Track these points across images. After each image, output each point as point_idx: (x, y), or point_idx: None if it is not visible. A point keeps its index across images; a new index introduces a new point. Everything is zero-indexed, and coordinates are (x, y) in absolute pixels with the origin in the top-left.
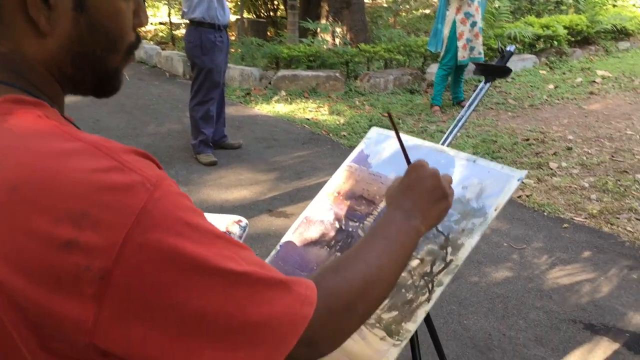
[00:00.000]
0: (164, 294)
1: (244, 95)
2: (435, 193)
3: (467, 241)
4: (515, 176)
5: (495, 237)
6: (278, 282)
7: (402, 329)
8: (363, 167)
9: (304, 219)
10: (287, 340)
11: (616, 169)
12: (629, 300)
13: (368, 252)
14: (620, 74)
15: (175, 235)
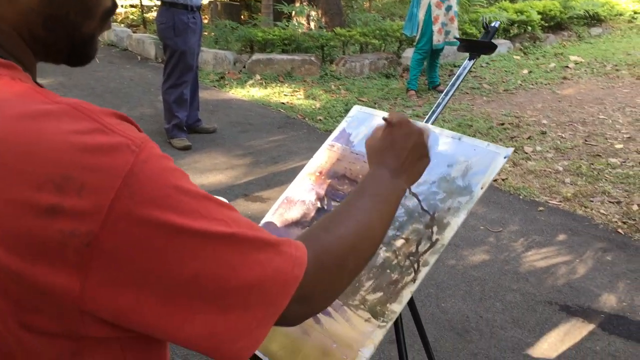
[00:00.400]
0: (154, 259)
1: (218, 79)
2: (419, 150)
3: (453, 220)
4: (502, 154)
5: (472, 220)
6: (268, 244)
7: (388, 310)
8: (345, 146)
9: (285, 200)
10: (278, 302)
11: (589, 153)
12: (603, 282)
13: (357, 210)
14: (593, 59)
15: (164, 199)
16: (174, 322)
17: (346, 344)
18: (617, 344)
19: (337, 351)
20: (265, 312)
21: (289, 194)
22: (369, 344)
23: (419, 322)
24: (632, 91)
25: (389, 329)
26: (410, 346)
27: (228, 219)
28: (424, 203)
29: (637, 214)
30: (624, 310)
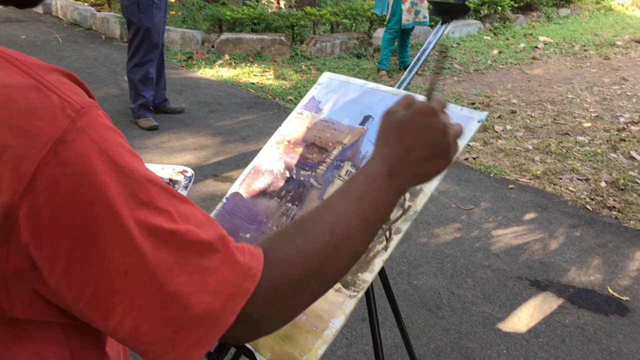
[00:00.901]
0: (80, 244)
1: (186, 59)
2: (436, 147)
3: (425, 186)
4: (475, 118)
5: (444, 198)
6: (215, 249)
7: (359, 280)
8: (315, 114)
9: (252, 169)
10: (222, 319)
11: (558, 132)
12: (572, 257)
13: (335, 217)
14: (561, 40)
15: (99, 175)
16: (97, 318)
17: (316, 314)
18: (586, 317)
19: (306, 322)
20: (206, 328)
21: (256, 164)
22: (339, 314)
23: (392, 298)
24: (600, 71)
25: (360, 299)
26: (382, 323)
27: (174, 211)
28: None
29: (604, 190)
30: (593, 284)
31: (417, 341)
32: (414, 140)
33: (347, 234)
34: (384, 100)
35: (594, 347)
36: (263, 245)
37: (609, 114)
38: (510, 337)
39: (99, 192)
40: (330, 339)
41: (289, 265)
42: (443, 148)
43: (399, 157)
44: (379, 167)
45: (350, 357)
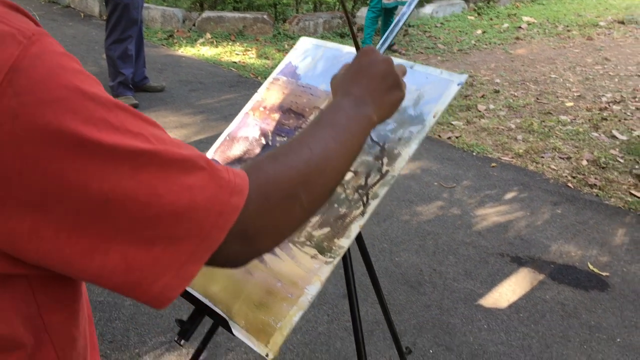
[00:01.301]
0: (49, 177)
1: (167, 38)
2: (388, 80)
3: (404, 150)
4: (455, 80)
5: (426, 176)
6: (199, 166)
7: (335, 246)
8: (291, 79)
9: (227, 137)
10: (213, 235)
11: (541, 111)
12: (553, 234)
13: (312, 139)
14: (545, 20)
15: (61, 101)
16: (81, 254)
17: (291, 281)
18: (566, 292)
19: (281, 290)
20: (196, 246)
21: (231, 131)
22: (315, 280)
23: (373, 274)
24: (583, 51)
25: (334, 271)
26: (364, 299)
27: (148, 134)
28: (373, 134)
29: (586, 168)
30: (573, 260)
31: (398, 317)
32: (366, 76)
33: (324, 152)
34: None
35: (574, 322)
36: (247, 166)
37: (591, 94)
38: (491, 312)
39: (64, 119)
40: (305, 305)
41: (275, 178)
42: (393, 78)
43: (361, 91)
44: (343, 100)
45: (331, 333)
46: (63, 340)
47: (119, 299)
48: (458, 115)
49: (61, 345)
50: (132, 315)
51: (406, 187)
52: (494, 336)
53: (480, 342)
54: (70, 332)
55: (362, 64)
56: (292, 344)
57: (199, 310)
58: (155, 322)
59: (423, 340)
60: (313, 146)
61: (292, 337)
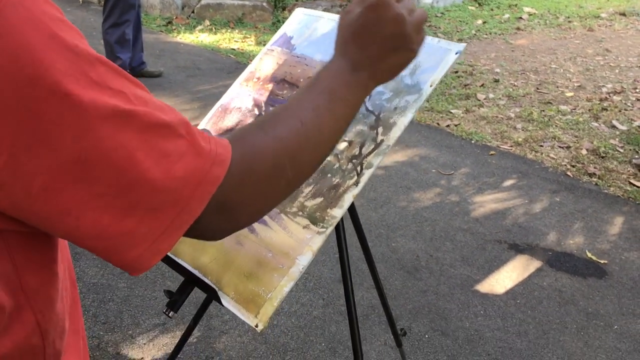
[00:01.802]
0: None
1: (165, 25)
2: (394, 40)
3: (399, 120)
4: (453, 49)
5: (424, 163)
6: (179, 133)
7: (328, 216)
8: (285, 50)
9: (219, 108)
10: (191, 206)
11: (541, 100)
12: (551, 222)
13: (302, 108)
14: (546, 11)
15: (40, 49)
16: (55, 210)
17: (283, 252)
18: (564, 279)
19: (272, 260)
20: (173, 217)
21: (224, 102)
22: (307, 251)
23: (370, 259)
24: (583, 42)
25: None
26: (359, 284)
27: (129, 93)
28: (368, 103)
29: (585, 158)
30: (571, 248)
31: (394, 302)
32: (369, 37)
33: (317, 123)
34: None
35: (571, 309)
36: (232, 135)
37: (591, 84)
38: (488, 298)
39: (41, 68)
40: (296, 276)
41: (261, 149)
42: (403, 40)
43: (360, 54)
44: (340, 63)
45: (326, 317)
46: (41, 302)
47: (113, 281)
48: (457, 103)
49: (39, 307)
50: (126, 297)
51: (404, 173)
52: (490, 322)
53: (476, 327)
54: (49, 295)
55: (367, 22)
56: (287, 327)
57: (188, 281)
58: (149, 304)
59: (419, 325)
60: (303, 115)
61: (287, 321)
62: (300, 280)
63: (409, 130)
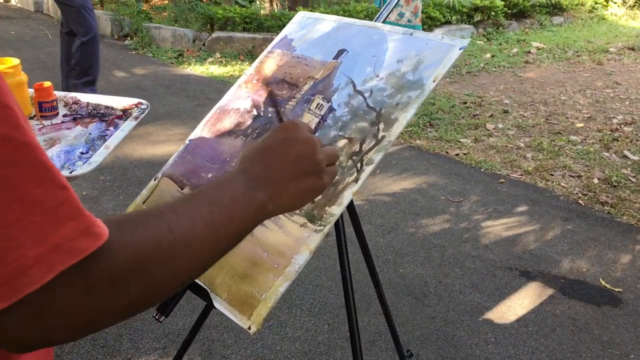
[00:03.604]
0: None
1: (176, 57)
2: (302, 164)
3: (401, 115)
4: (457, 45)
5: (432, 191)
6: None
7: (326, 214)
8: (286, 52)
9: (218, 110)
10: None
11: (551, 131)
12: (563, 249)
13: (178, 214)
14: (554, 46)
15: None
16: None
17: (278, 251)
18: (577, 307)
19: (267, 260)
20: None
21: (222, 104)
22: (303, 249)
23: (377, 284)
24: (593, 75)
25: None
26: (366, 310)
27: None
28: (369, 100)
29: (597, 187)
30: (584, 275)
31: (402, 328)
32: (275, 155)
33: (188, 236)
34: (360, 34)
35: (586, 337)
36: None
37: (601, 116)
38: (499, 326)
39: None
40: (292, 276)
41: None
42: (312, 164)
43: (259, 170)
44: (237, 176)
45: (331, 342)
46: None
47: None
48: (466, 133)
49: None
50: (126, 321)
51: (412, 200)
52: (501, 349)
53: (486, 355)
54: None
55: (275, 140)
56: (291, 352)
57: None
58: (149, 327)
59: (427, 352)
60: (175, 224)
61: (291, 346)
62: (305, 305)
63: (417, 157)
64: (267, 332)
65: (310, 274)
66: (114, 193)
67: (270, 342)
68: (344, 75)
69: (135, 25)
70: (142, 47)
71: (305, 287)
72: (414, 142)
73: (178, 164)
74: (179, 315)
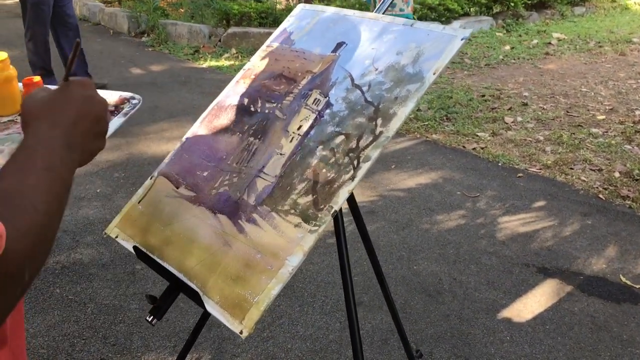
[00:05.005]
0: None
1: (192, 53)
2: (99, 125)
3: (400, 110)
4: (459, 35)
5: (448, 186)
6: None
7: (321, 213)
8: (284, 45)
9: (215, 106)
10: None
11: (571, 124)
12: (582, 245)
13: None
14: (576, 37)
15: None
16: None
17: (272, 253)
18: (597, 305)
19: (261, 261)
20: None
21: (219, 100)
22: (297, 251)
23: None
24: (615, 66)
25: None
26: (379, 307)
27: None
28: (367, 94)
29: (618, 180)
30: (604, 272)
31: (415, 326)
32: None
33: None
34: (360, 26)
35: (605, 335)
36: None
37: (624, 107)
38: (515, 324)
39: None
40: (285, 278)
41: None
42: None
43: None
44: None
45: (342, 340)
46: None
47: (125, 302)
48: (484, 126)
49: None
50: (137, 319)
51: (427, 196)
52: (517, 348)
53: (502, 354)
54: None
55: (75, 97)
56: (302, 351)
57: (172, 286)
58: (160, 326)
59: (440, 350)
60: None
61: (302, 345)
62: (316, 303)
63: (433, 152)
64: (278, 330)
65: (322, 271)
66: (128, 190)
67: (281, 341)
68: (342, 69)
69: (152, 22)
70: (158, 44)
71: (318, 285)
72: (430, 137)
73: (174, 162)
74: (190, 313)
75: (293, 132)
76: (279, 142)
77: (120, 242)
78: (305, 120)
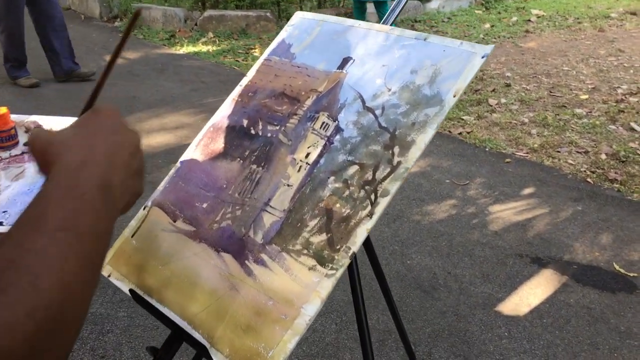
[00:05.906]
0: None
1: (168, 38)
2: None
3: (418, 137)
4: (479, 53)
5: (437, 174)
6: None
7: (338, 255)
8: (284, 60)
9: (210, 128)
10: None
11: (555, 104)
12: (574, 232)
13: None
14: (554, 13)
15: None
16: None
17: (285, 299)
18: (592, 295)
19: (273, 309)
20: None
21: (215, 121)
22: (314, 297)
23: (382, 280)
24: (595, 43)
25: (339, 279)
26: (374, 307)
27: None
28: (381, 119)
29: (605, 163)
30: (598, 260)
31: (412, 325)
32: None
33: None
34: (367, 39)
35: (602, 327)
36: None
37: (606, 86)
38: (512, 318)
39: None
40: (302, 329)
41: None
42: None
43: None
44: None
45: (339, 343)
46: None
47: (113, 310)
48: (468, 109)
49: None
50: (126, 328)
51: (416, 185)
52: (515, 344)
53: (500, 351)
54: None
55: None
56: (298, 356)
57: (175, 335)
58: (150, 334)
59: (439, 350)
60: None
61: (297, 349)
62: None
63: None
64: None
65: None
66: None
67: None
68: (351, 89)
69: (125, 6)
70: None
71: None
72: None
73: (169, 190)
74: None
75: (300, 160)
76: (285, 172)
77: (114, 281)
78: (313, 147)
